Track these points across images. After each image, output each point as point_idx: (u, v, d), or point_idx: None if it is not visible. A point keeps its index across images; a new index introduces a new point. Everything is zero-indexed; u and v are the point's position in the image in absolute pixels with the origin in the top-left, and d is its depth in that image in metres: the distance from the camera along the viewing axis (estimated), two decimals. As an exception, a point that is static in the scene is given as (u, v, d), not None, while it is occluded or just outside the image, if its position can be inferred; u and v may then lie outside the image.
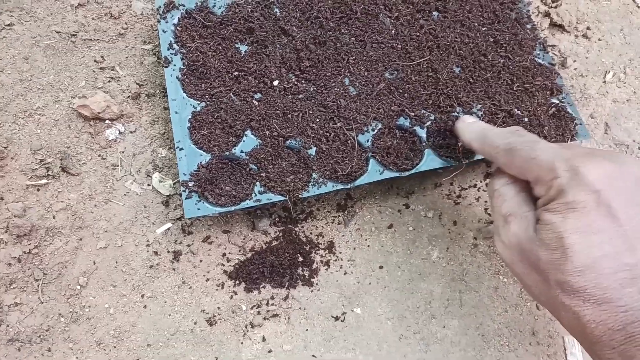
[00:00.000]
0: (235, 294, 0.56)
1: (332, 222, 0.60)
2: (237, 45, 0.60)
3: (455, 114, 0.59)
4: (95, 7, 0.65)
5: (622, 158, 0.39)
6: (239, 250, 0.58)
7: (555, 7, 0.75)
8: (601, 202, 0.36)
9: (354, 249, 0.59)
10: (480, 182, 0.64)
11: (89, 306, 0.54)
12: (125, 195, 0.59)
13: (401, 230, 0.61)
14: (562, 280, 0.37)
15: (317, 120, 0.57)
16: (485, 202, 0.63)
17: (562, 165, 0.39)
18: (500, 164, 0.46)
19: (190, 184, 0.53)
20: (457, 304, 0.58)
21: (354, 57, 0.60)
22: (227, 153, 0.55)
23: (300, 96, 0.58)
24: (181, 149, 0.54)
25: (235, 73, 0.58)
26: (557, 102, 0.61)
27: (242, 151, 0.55)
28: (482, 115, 0.59)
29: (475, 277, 0.59)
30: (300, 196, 0.54)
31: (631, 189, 0.37)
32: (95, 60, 0.63)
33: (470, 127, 0.52)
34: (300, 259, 0.58)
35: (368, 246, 0.60)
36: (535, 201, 0.43)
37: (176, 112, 0.56)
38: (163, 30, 0.59)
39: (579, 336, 0.40)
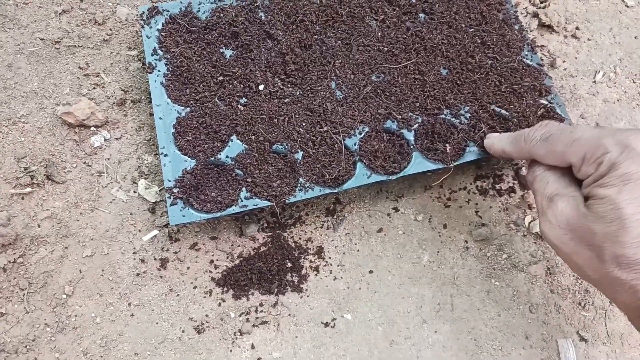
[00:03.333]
0: (224, 301, 0.55)
1: (321, 227, 0.60)
2: (221, 50, 0.59)
3: (443, 116, 0.58)
4: (80, 14, 0.65)
5: None
6: (227, 257, 0.57)
7: (544, 7, 0.74)
8: None
9: (344, 253, 0.59)
10: (470, 184, 0.63)
11: (75, 315, 0.54)
12: (111, 202, 0.58)
13: (391, 234, 0.60)
14: (619, 254, 0.37)
15: (304, 124, 0.57)
16: (476, 204, 0.63)
17: (611, 141, 0.39)
18: (539, 155, 0.46)
19: (175, 190, 0.52)
20: (449, 308, 0.57)
21: (340, 61, 0.60)
22: (213, 158, 0.55)
23: (286, 100, 0.58)
24: (166, 155, 0.54)
25: (220, 78, 0.58)
26: (546, 103, 0.61)
27: (227, 156, 0.55)
28: (469, 117, 0.59)
29: (467, 281, 0.59)
30: (287, 201, 0.53)
31: None
32: (79, 67, 0.62)
33: (500, 137, 0.54)
34: (289, 264, 0.57)
35: (358, 251, 0.59)
36: (578, 183, 0.43)
37: (160, 118, 0.55)
38: (147, 36, 0.59)
39: (633, 312, 0.39)
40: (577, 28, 0.74)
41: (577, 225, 0.40)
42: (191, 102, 0.57)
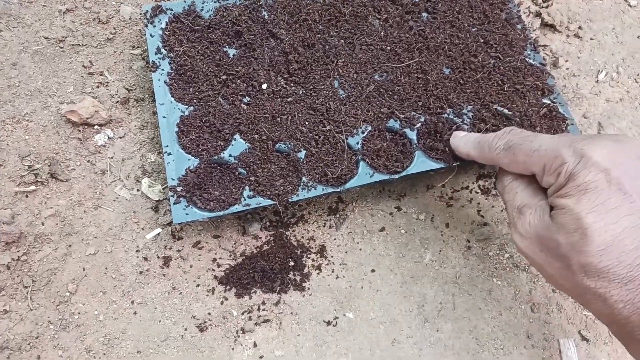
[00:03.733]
0: (226, 299, 0.56)
1: (324, 226, 0.60)
2: (225, 49, 0.59)
3: (446, 115, 0.59)
4: (84, 12, 0.65)
5: (621, 138, 0.40)
6: (230, 255, 0.57)
7: (546, 7, 0.74)
8: (611, 179, 0.37)
9: (346, 252, 0.59)
10: (473, 183, 0.64)
11: (79, 313, 0.54)
12: (114, 200, 0.58)
13: (393, 234, 0.60)
14: (585, 263, 0.37)
15: (307, 123, 0.57)
16: (478, 203, 0.63)
17: (567, 151, 0.39)
18: (503, 164, 0.46)
19: (179, 189, 0.52)
20: (451, 307, 0.57)
21: (343, 60, 0.60)
22: (216, 157, 0.55)
23: (289, 99, 0.58)
24: (169, 153, 0.54)
25: (224, 77, 0.58)
26: (548, 102, 0.61)
27: (230, 155, 0.55)
28: (472, 116, 0.59)
29: (469, 280, 0.59)
30: (289, 200, 0.53)
31: (634, 165, 0.38)
32: (83, 66, 0.63)
33: (465, 139, 0.53)
34: (292, 263, 0.57)
35: (360, 249, 0.59)
36: (544, 192, 0.43)
37: (164, 117, 0.55)
38: (150, 35, 0.59)
39: (607, 320, 0.40)
40: (579, 27, 0.74)
41: (544, 237, 0.40)
42: (194, 100, 0.57)
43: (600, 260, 0.36)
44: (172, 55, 0.58)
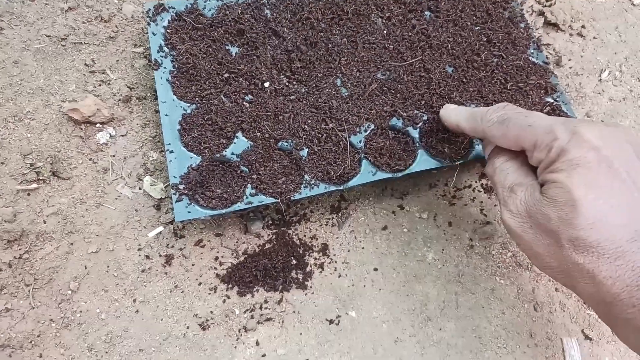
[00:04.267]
0: (228, 297, 0.55)
1: (326, 225, 0.60)
2: (227, 47, 0.59)
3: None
4: (86, 11, 0.65)
5: (613, 123, 0.42)
6: (232, 254, 0.57)
7: (550, 5, 0.74)
8: (602, 157, 0.38)
9: (348, 251, 0.59)
10: (475, 182, 0.63)
11: (80, 311, 0.54)
12: (116, 199, 0.58)
13: (396, 232, 0.60)
14: (575, 237, 0.37)
15: (309, 121, 0.56)
16: (481, 202, 0.62)
17: (561, 128, 0.40)
18: (493, 137, 0.47)
19: (181, 186, 0.52)
20: (453, 306, 0.57)
21: (345, 58, 0.60)
22: (218, 155, 0.55)
23: (292, 97, 0.58)
24: (171, 151, 0.54)
25: (226, 75, 0.58)
26: (551, 101, 0.61)
27: (233, 153, 0.55)
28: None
29: (472, 279, 0.59)
30: (292, 198, 0.53)
31: (624, 148, 0.39)
32: (85, 64, 0.62)
33: (457, 110, 0.53)
34: (294, 262, 0.57)
35: (362, 248, 0.59)
36: (534, 173, 0.44)
37: (166, 115, 0.55)
38: (153, 33, 0.59)
39: (594, 300, 0.40)
40: (582, 26, 0.74)
41: (534, 212, 0.41)
42: (197, 99, 0.57)
43: (589, 234, 0.37)
44: (175, 53, 0.58)
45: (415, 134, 0.57)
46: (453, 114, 0.53)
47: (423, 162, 0.56)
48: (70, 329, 0.53)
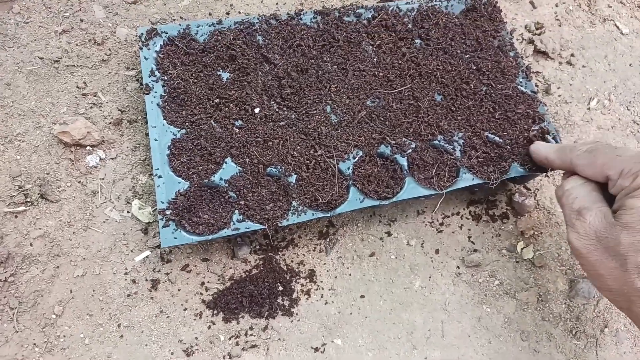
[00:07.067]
0: (214, 324, 0.55)
1: (314, 250, 0.60)
2: (218, 73, 0.60)
3: (436, 142, 0.59)
4: (79, 33, 0.66)
5: None
6: (218, 279, 0.57)
7: (539, 34, 0.75)
8: None
9: (335, 277, 0.59)
10: (464, 209, 0.64)
11: (64, 336, 0.53)
12: (104, 222, 0.58)
13: (383, 259, 0.60)
14: None
15: (298, 147, 0.57)
16: (469, 229, 0.63)
17: None
18: (580, 165, 0.49)
19: (168, 212, 0.52)
20: (439, 334, 0.57)
21: (335, 85, 0.60)
22: (206, 180, 0.55)
23: (282, 123, 0.58)
24: (160, 176, 0.54)
25: (217, 100, 0.58)
26: (538, 128, 0.61)
27: (221, 179, 0.55)
28: (463, 143, 0.59)
29: (458, 307, 0.59)
30: (279, 225, 0.53)
31: None
32: (77, 86, 0.63)
33: (547, 145, 0.57)
34: (280, 288, 0.57)
35: (349, 275, 0.59)
36: (606, 200, 0.46)
37: (156, 139, 0.55)
38: (145, 57, 0.59)
39: None
40: (572, 55, 0.75)
41: (604, 236, 0.43)
42: (187, 124, 0.57)
43: None
44: (166, 78, 0.59)
45: (403, 161, 0.57)
46: (542, 148, 0.56)
47: (411, 190, 0.56)
48: (54, 354, 0.52)
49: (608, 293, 0.45)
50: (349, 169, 0.57)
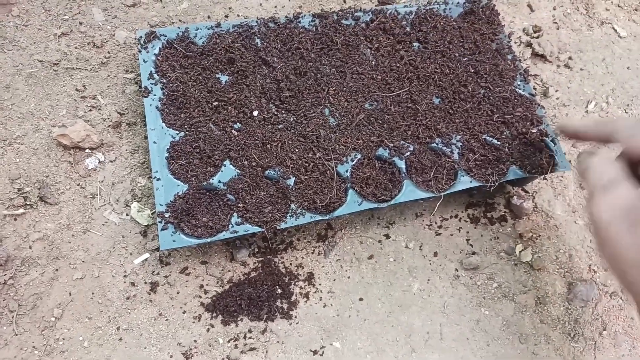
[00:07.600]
0: (212, 326, 0.55)
1: (312, 253, 0.60)
2: (217, 76, 0.60)
3: (435, 144, 0.59)
4: (79, 36, 0.66)
5: None
6: (217, 282, 0.57)
7: (537, 37, 0.75)
8: None
9: (334, 280, 0.59)
10: (462, 212, 0.64)
11: (63, 339, 0.53)
12: (103, 225, 0.58)
13: (382, 262, 0.60)
14: None
15: (297, 150, 0.57)
16: (467, 232, 0.63)
17: None
18: (623, 137, 0.48)
19: (166, 215, 0.52)
20: (438, 337, 0.57)
21: (334, 88, 0.60)
22: (205, 183, 0.55)
23: (280, 126, 0.58)
24: (158, 179, 0.54)
25: (215, 103, 0.58)
26: (536, 131, 0.61)
27: (220, 181, 0.55)
28: (461, 145, 0.59)
29: (457, 310, 0.59)
30: (277, 227, 0.53)
31: None
32: (76, 89, 0.63)
33: (580, 119, 0.57)
34: (279, 290, 0.57)
35: (348, 277, 0.59)
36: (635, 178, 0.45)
37: (155, 142, 0.56)
38: (144, 60, 0.59)
39: None
40: (570, 58, 0.75)
41: (634, 208, 0.41)
42: (185, 126, 0.57)
43: None
44: (165, 80, 0.59)
45: (401, 164, 0.58)
46: (576, 121, 0.56)
47: (409, 192, 0.56)
48: (53, 357, 0.52)
49: (625, 272, 0.42)
50: (347, 171, 0.57)
